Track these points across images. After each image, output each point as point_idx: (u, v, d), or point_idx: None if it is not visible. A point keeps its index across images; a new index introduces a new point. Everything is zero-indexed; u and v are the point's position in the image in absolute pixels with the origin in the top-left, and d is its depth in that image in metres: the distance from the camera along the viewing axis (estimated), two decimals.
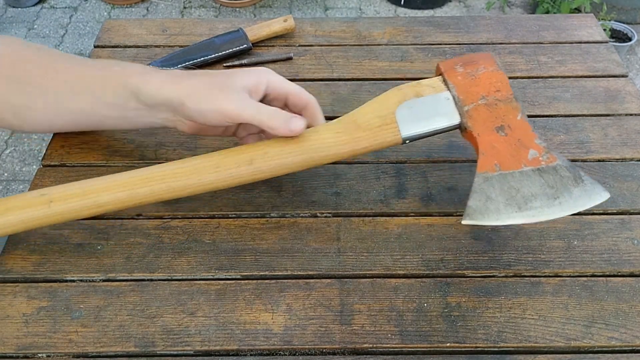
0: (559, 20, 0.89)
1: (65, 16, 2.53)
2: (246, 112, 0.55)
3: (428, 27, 0.88)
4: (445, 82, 0.59)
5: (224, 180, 0.56)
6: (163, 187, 0.55)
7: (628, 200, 0.63)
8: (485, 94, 0.58)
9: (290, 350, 0.51)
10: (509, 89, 0.58)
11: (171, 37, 0.86)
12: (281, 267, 0.57)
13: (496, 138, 0.56)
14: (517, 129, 0.56)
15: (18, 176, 1.86)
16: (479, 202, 0.52)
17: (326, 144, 0.57)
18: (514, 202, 0.52)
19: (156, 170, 0.56)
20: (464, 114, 0.57)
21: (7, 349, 0.51)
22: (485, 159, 0.55)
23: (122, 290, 0.55)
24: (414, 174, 0.66)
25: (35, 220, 0.55)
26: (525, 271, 0.57)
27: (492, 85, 0.59)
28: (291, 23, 0.85)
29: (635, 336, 0.52)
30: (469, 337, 0.52)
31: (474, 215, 0.52)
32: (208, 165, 0.56)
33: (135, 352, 0.51)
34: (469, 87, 0.59)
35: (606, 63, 0.81)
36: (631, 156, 0.68)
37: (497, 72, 0.59)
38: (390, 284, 0.56)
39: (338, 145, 0.57)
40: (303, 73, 0.80)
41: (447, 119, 0.58)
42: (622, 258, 0.58)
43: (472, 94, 0.58)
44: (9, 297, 0.55)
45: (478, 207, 0.52)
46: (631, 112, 0.73)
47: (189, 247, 0.59)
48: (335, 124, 0.59)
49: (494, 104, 0.58)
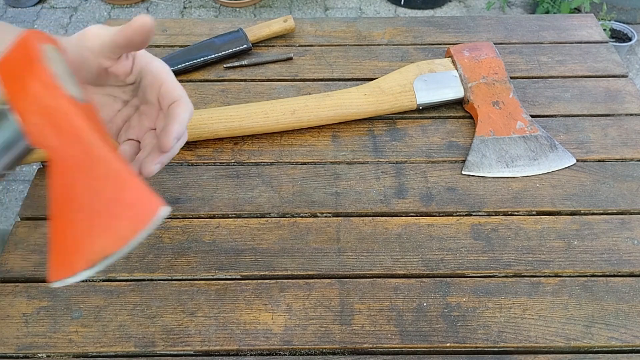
0: (559, 20, 0.89)
1: (65, 16, 2.53)
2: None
3: (428, 27, 0.88)
4: (454, 62, 0.75)
5: (271, 126, 0.69)
6: (220, 126, 0.68)
7: (628, 200, 0.63)
8: (486, 74, 0.73)
9: (290, 350, 0.51)
10: (504, 73, 0.74)
11: (171, 37, 0.86)
12: (281, 267, 0.57)
13: (492, 110, 0.70)
14: (509, 105, 0.71)
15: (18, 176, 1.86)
16: (476, 158, 0.67)
17: (355, 103, 0.70)
18: (503, 160, 0.67)
19: (214, 113, 0.68)
20: (467, 89, 0.72)
21: (7, 349, 0.51)
22: (483, 125, 0.69)
23: (122, 290, 0.55)
24: (414, 174, 0.66)
25: None
26: (525, 271, 0.57)
27: (491, 68, 0.74)
28: (291, 23, 0.85)
29: (635, 336, 0.52)
30: (469, 337, 0.52)
31: (472, 167, 0.66)
32: (259, 112, 0.69)
33: (135, 352, 0.51)
34: (473, 68, 0.73)
35: (606, 63, 0.81)
36: (631, 156, 0.68)
37: (496, 58, 0.75)
38: (390, 284, 0.56)
39: (365, 104, 0.70)
40: (303, 73, 0.80)
41: (454, 92, 0.73)
42: (622, 258, 0.58)
43: (475, 74, 0.73)
44: (9, 297, 0.55)
45: (475, 162, 0.67)
46: (631, 112, 0.73)
47: (189, 247, 0.59)
48: (363, 88, 0.71)
49: (492, 83, 0.73)
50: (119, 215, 0.34)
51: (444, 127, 0.72)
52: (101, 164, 0.35)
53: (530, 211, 0.62)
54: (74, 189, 0.35)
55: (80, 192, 0.35)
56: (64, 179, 0.35)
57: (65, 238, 0.35)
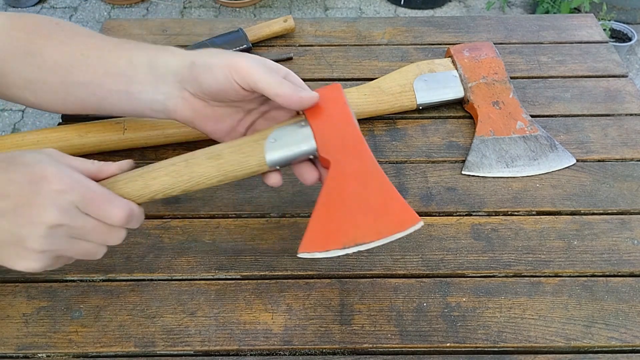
0: (559, 20, 0.89)
1: (65, 16, 2.53)
2: (258, 71, 0.50)
3: (428, 27, 0.88)
4: (454, 62, 0.75)
5: None
6: None
7: (628, 200, 0.63)
8: (486, 74, 0.73)
9: (290, 350, 0.51)
10: (504, 73, 0.73)
11: (171, 37, 0.86)
12: (281, 267, 0.57)
13: (492, 110, 0.70)
14: (509, 105, 0.71)
15: None
16: (476, 158, 0.67)
17: (355, 103, 0.69)
18: (503, 160, 0.66)
19: None
20: (467, 89, 0.72)
21: (7, 349, 0.51)
22: (483, 125, 0.69)
23: (122, 290, 0.55)
24: (414, 174, 0.66)
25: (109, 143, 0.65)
26: (525, 271, 0.57)
27: (491, 68, 0.74)
28: (291, 23, 0.85)
29: (635, 336, 0.52)
30: (469, 337, 0.52)
31: (472, 167, 0.66)
32: None
33: (135, 352, 0.51)
34: (473, 68, 0.73)
35: (606, 63, 0.81)
36: (631, 156, 0.68)
37: (496, 58, 0.75)
38: (390, 284, 0.56)
39: (365, 104, 0.69)
40: (303, 73, 0.80)
41: (454, 92, 0.72)
42: (622, 258, 0.58)
43: (475, 74, 0.73)
44: (9, 297, 0.55)
45: (475, 162, 0.66)
46: (631, 112, 0.73)
47: (189, 247, 0.59)
48: (363, 88, 0.71)
49: (492, 83, 0.73)
50: (382, 217, 0.46)
51: (444, 127, 0.72)
52: (375, 179, 0.48)
53: (530, 211, 0.62)
54: (346, 190, 0.47)
55: (351, 193, 0.47)
56: (338, 181, 0.48)
57: (325, 223, 0.47)
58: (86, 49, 0.60)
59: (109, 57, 0.59)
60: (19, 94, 0.62)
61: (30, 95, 0.62)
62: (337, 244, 0.46)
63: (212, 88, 0.52)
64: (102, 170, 0.49)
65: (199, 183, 0.50)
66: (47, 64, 0.60)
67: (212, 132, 0.57)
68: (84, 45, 0.60)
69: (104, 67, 0.58)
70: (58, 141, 0.65)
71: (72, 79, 0.59)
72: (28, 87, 0.61)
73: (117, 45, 0.60)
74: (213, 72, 0.51)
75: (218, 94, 0.52)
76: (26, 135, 0.65)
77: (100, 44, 0.60)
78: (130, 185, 0.49)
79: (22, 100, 0.63)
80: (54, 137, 0.65)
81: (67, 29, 0.62)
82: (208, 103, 0.54)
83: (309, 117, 0.50)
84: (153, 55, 0.57)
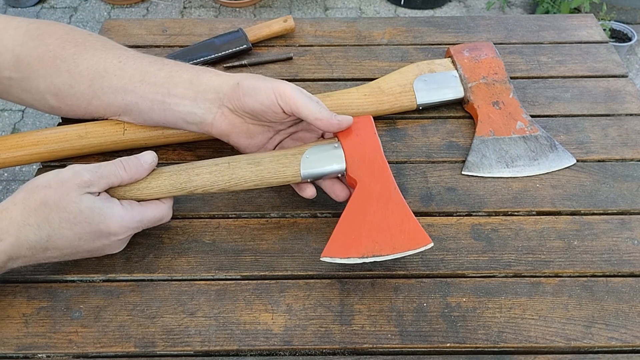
0: (559, 20, 0.89)
1: (65, 16, 2.53)
2: (301, 97, 0.56)
3: (428, 27, 0.88)
4: (454, 63, 0.74)
5: None
6: None
7: (628, 200, 0.63)
8: (486, 74, 0.73)
9: (290, 351, 0.51)
10: (504, 73, 0.73)
11: (171, 37, 0.86)
12: (281, 267, 0.57)
13: (492, 110, 0.70)
14: (509, 105, 0.71)
15: (18, 176, 1.86)
16: (476, 158, 0.66)
17: (356, 104, 0.69)
18: (503, 160, 0.66)
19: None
20: (467, 89, 0.72)
21: (7, 349, 0.51)
22: (483, 125, 0.69)
23: (122, 290, 0.55)
24: (414, 174, 0.66)
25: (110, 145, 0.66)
26: (525, 271, 0.57)
27: (491, 68, 0.74)
28: (291, 23, 0.85)
29: (635, 336, 0.52)
30: (469, 337, 0.52)
31: (472, 168, 0.66)
32: None
33: (135, 353, 0.51)
34: (472, 68, 0.73)
35: (606, 63, 0.81)
36: (631, 156, 0.68)
37: (496, 58, 0.75)
38: (390, 284, 0.56)
39: (365, 105, 0.70)
40: (303, 73, 0.80)
41: (454, 92, 0.72)
42: (622, 258, 0.58)
43: (475, 74, 0.73)
44: (9, 297, 0.55)
45: (475, 162, 0.66)
46: (631, 112, 0.73)
47: (189, 247, 0.59)
48: (363, 88, 0.71)
49: (492, 83, 0.72)
50: (397, 235, 0.52)
51: (444, 127, 0.72)
52: (394, 202, 0.54)
53: (530, 211, 0.62)
54: (369, 208, 0.53)
55: (373, 212, 0.53)
56: (362, 200, 0.54)
57: (348, 234, 0.53)
58: (124, 58, 0.63)
59: (148, 68, 0.62)
60: (39, 97, 0.63)
61: (51, 98, 0.63)
62: (356, 253, 0.52)
63: (255, 108, 0.57)
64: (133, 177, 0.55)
65: (237, 184, 0.56)
66: (78, 68, 0.62)
67: (245, 146, 0.62)
68: (122, 54, 0.64)
69: (141, 76, 0.61)
70: (58, 141, 0.65)
71: (103, 84, 0.62)
72: (51, 90, 0.63)
73: (157, 60, 0.63)
74: (259, 94, 0.56)
75: (258, 113, 0.58)
76: (26, 135, 0.65)
77: (138, 56, 0.63)
78: (174, 177, 0.55)
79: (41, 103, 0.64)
80: (54, 138, 0.65)
81: (102, 39, 0.65)
82: (244, 120, 0.59)
83: (342, 140, 0.57)
84: (194, 74, 0.61)
